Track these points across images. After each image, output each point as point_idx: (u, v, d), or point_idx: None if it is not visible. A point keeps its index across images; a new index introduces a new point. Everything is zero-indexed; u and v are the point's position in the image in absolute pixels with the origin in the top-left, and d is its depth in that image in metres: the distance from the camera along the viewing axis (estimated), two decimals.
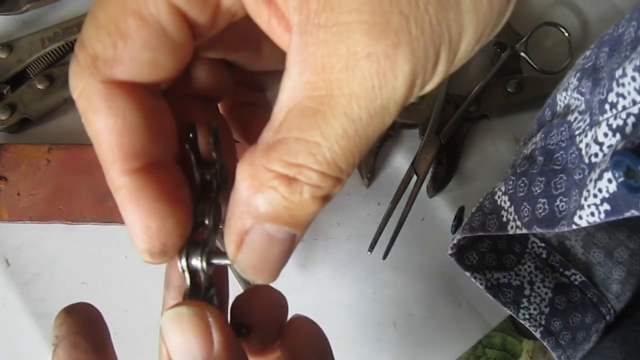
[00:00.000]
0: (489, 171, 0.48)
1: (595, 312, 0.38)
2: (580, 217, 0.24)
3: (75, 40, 0.49)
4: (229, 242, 0.19)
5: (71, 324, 0.22)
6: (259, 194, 0.17)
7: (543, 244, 0.40)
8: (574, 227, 0.25)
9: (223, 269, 0.25)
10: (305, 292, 0.45)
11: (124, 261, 0.45)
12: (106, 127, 0.19)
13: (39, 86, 0.47)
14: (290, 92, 0.17)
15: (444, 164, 0.46)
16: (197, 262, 0.21)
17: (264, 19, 0.18)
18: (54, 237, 0.46)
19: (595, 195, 0.23)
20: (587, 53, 0.31)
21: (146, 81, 0.19)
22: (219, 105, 0.25)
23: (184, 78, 0.22)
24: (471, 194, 0.47)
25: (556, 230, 0.26)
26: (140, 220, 0.20)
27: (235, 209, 0.18)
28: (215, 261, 0.21)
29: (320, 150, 0.17)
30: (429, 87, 0.18)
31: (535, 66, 0.49)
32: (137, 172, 0.19)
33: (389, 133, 0.47)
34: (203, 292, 0.22)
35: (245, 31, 0.20)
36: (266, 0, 0.18)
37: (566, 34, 0.49)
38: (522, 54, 0.49)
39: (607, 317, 0.38)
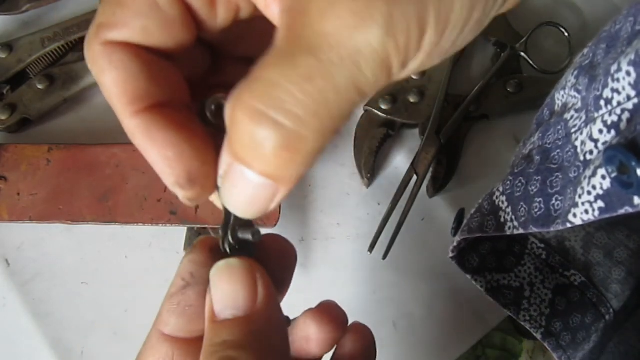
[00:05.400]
0: (489, 171, 0.48)
1: (595, 312, 0.38)
2: (575, 215, 0.24)
3: (75, 40, 0.49)
4: (219, 174, 0.20)
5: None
6: (231, 132, 0.18)
7: (543, 245, 0.40)
8: (569, 225, 0.24)
9: None
10: (305, 292, 0.45)
11: (124, 261, 0.45)
12: (111, 81, 0.20)
13: (39, 86, 0.47)
14: (274, 41, 0.17)
15: (444, 164, 0.46)
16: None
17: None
18: (54, 237, 0.46)
19: (589, 193, 0.23)
20: (585, 51, 0.31)
21: (140, 43, 0.20)
22: None
23: (214, 74, 0.23)
24: (471, 194, 0.47)
25: (551, 229, 0.26)
26: (158, 154, 0.20)
27: (224, 145, 0.19)
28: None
29: (276, 91, 0.16)
30: (420, 58, 0.17)
31: (535, 66, 0.49)
32: (143, 111, 0.20)
33: (388, 133, 0.47)
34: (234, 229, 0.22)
35: (269, 33, 0.21)
36: None
37: (566, 34, 0.49)
38: (522, 54, 0.49)
39: (607, 317, 0.38)
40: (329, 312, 0.27)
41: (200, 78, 0.23)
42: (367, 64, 0.16)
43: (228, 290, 0.20)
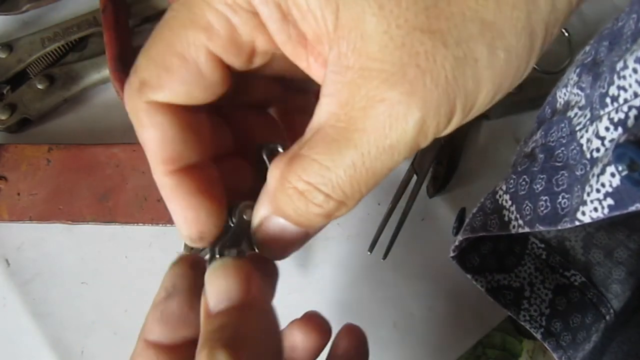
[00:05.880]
0: (489, 171, 0.48)
1: (595, 312, 0.38)
2: (583, 213, 0.24)
3: (75, 40, 0.49)
4: (253, 220, 0.23)
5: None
6: (278, 194, 0.21)
7: (543, 245, 0.40)
8: (577, 223, 0.24)
9: None
10: (305, 292, 0.45)
11: (124, 261, 0.45)
12: (149, 138, 0.22)
13: (39, 86, 0.47)
14: (319, 118, 0.20)
15: (444, 164, 0.46)
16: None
17: (302, 59, 0.21)
18: (54, 237, 0.46)
19: (598, 190, 0.23)
20: (587, 48, 0.31)
21: (182, 104, 0.22)
22: (273, 110, 0.27)
23: (236, 90, 0.24)
24: (471, 194, 0.47)
25: (559, 227, 0.26)
26: (179, 212, 0.23)
27: (262, 197, 0.22)
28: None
29: (328, 173, 0.19)
30: (446, 132, 0.20)
31: (535, 66, 0.49)
32: (175, 172, 0.22)
33: None
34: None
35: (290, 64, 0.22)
36: (303, 44, 0.20)
37: (566, 34, 0.49)
38: None
39: (607, 317, 0.38)
40: (313, 321, 0.28)
41: (228, 97, 0.25)
42: (400, 154, 0.19)
43: (222, 284, 0.22)
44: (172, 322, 0.23)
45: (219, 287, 0.22)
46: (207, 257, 0.24)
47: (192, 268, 0.24)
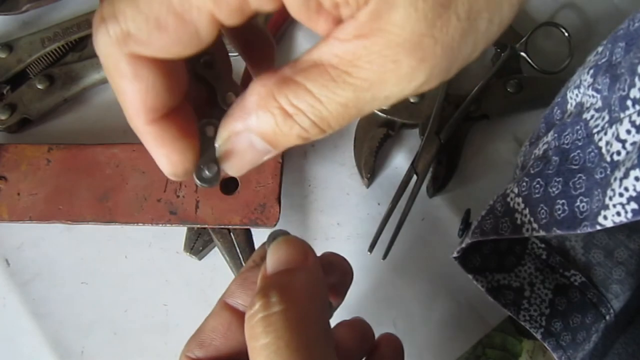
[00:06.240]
0: (489, 171, 0.48)
1: (595, 312, 0.38)
2: (605, 217, 0.24)
3: (75, 40, 0.49)
4: (221, 133, 0.23)
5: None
6: (259, 111, 0.21)
7: (543, 245, 0.40)
8: (599, 227, 0.24)
9: None
10: None
11: (124, 261, 0.45)
12: (131, 89, 0.21)
13: (39, 86, 0.47)
14: (321, 54, 0.20)
15: (444, 164, 0.46)
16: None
17: (312, 22, 0.21)
18: (54, 237, 0.46)
19: (621, 195, 0.22)
20: (600, 49, 0.30)
21: (168, 59, 0.21)
22: None
23: None
24: (471, 194, 0.47)
25: (578, 231, 0.26)
26: (164, 156, 0.23)
27: (236, 112, 0.22)
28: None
29: (320, 106, 0.20)
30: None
31: (535, 66, 0.49)
32: (157, 120, 0.22)
33: (388, 133, 0.47)
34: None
35: None
36: (317, 10, 0.20)
37: (566, 34, 0.49)
38: (522, 54, 0.49)
39: (607, 317, 0.38)
40: (359, 325, 0.31)
41: None
42: (390, 102, 0.21)
43: (284, 253, 0.25)
44: (253, 289, 0.26)
45: (280, 256, 0.25)
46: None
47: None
